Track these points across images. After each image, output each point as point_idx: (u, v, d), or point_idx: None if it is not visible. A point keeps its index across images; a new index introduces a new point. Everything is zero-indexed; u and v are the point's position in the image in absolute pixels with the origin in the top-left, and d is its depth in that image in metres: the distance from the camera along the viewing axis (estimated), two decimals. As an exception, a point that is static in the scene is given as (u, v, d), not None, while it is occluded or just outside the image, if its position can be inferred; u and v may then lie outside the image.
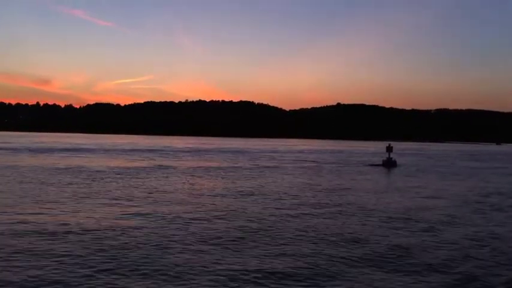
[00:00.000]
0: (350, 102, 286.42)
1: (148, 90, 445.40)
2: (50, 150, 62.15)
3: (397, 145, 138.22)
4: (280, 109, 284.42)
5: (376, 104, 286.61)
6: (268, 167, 43.59)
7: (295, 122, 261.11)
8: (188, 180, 29.16)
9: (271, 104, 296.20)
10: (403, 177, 35.99)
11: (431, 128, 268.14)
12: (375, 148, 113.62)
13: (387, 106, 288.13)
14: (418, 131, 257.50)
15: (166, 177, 31.05)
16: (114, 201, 19.50)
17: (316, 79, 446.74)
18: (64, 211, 16.83)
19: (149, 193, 22.40)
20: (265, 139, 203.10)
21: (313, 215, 17.49)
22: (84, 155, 53.87)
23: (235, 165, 44.84)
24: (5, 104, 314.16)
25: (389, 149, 44.94)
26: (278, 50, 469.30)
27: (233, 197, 22.10)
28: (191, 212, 17.25)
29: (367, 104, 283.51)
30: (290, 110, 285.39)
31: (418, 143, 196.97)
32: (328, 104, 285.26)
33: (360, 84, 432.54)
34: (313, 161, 54.52)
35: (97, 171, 33.95)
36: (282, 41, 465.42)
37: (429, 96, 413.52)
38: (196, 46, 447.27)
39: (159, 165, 41.02)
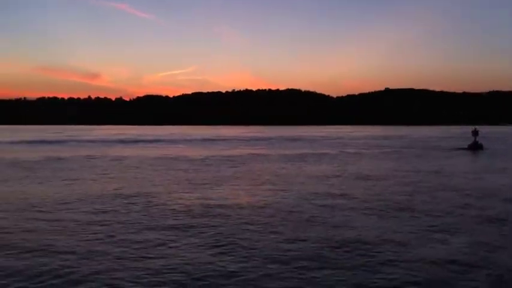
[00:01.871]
0: (398, 87, 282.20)
1: (193, 81, 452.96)
2: (135, 142, 66.22)
3: (454, 129, 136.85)
4: (328, 96, 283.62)
5: (425, 88, 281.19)
6: (349, 153, 45.09)
7: (343, 109, 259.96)
8: (299, 166, 31.08)
9: (318, 91, 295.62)
10: (497, 159, 36.68)
11: (484, 111, 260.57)
12: (437, 132, 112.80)
13: (437, 90, 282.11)
14: (470, 114, 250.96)
15: (269, 163, 33.24)
16: (256, 184, 21.69)
17: (362, 64, 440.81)
18: (225, 192, 19.15)
19: (276, 176, 24.59)
20: (316, 126, 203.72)
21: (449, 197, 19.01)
22: (169, 146, 57.24)
23: (320, 151, 46.58)
24: (58, 98, 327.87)
25: (475, 133, 45.68)
26: (322, 36, 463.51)
27: (357, 179, 23.80)
28: (340, 190, 19.13)
29: (416, 88, 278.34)
30: (337, 97, 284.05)
31: (473, 127, 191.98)
32: (376, 90, 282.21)
33: (408, 68, 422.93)
34: (387, 147, 55.47)
35: (201, 159, 36.63)
36: (325, 27, 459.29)
37: (480, 78, 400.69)
38: (236, 36, 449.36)
39: (251, 154, 43.41)
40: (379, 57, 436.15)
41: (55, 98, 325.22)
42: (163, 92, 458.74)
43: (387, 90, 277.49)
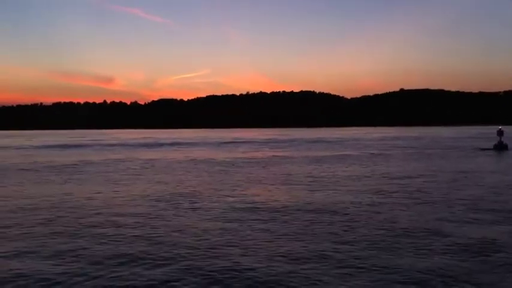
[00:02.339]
0: (413, 87, 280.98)
1: (207, 84, 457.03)
2: (159, 145, 67.50)
3: (472, 129, 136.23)
4: (342, 97, 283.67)
5: (441, 88, 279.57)
6: (373, 154, 45.48)
7: (358, 110, 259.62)
8: (328, 168, 31.66)
9: (333, 92, 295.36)
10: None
11: (501, 111, 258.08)
12: (454, 133, 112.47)
13: (453, 90, 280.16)
14: (487, 114, 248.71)
15: (296, 165, 33.84)
16: (291, 184, 22.35)
17: (376, 65, 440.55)
18: (266, 193, 19.84)
19: (309, 177, 25.21)
20: (331, 128, 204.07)
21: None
22: (192, 149, 58.26)
23: (343, 153, 47.10)
24: (74, 103, 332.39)
25: (500, 133, 45.80)
26: (335, 36, 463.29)
27: (390, 179, 24.26)
28: (380, 189, 19.67)
29: (431, 88, 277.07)
30: (352, 98, 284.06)
31: (492, 127, 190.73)
32: (391, 90, 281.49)
33: (423, 69, 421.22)
34: (408, 147, 55.75)
35: (228, 162, 37.42)
36: (339, 27, 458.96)
37: (497, 77, 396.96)
38: (249, 38, 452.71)
39: (275, 156, 44.14)
40: (393, 58, 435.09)
41: (71, 103, 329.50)
42: (177, 95, 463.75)
43: (402, 91, 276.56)
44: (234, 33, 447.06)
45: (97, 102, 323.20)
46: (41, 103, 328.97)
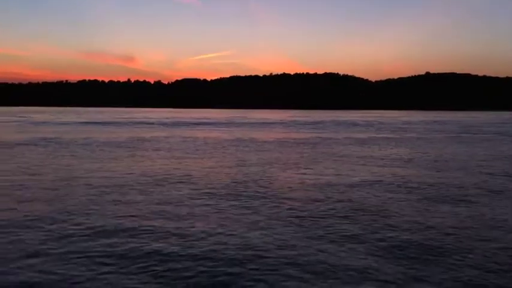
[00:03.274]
0: (439, 71, 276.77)
1: (229, 65, 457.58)
2: (196, 124, 68.92)
3: (505, 115, 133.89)
4: (366, 80, 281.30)
5: (468, 72, 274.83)
6: (413, 137, 45.51)
7: (383, 93, 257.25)
8: (379, 148, 32.24)
9: (357, 75, 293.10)
10: None
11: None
12: (484, 118, 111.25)
13: (480, 74, 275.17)
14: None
15: (344, 146, 34.43)
16: (354, 163, 23.04)
17: (402, 48, 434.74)
18: (333, 170, 20.60)
19: (364, 157, 25.86)
20: (356, 111, 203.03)
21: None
22: (229, 128, 59.29)
23: (383, 135, 47.46)
24: (99, 81, 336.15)
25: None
26: (359, 18, 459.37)
27: (451, 161, 24.77)
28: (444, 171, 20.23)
29: (458, 72, 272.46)
30: (376, 81, 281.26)
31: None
32: (416, 74, 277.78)
33: (450, 52, 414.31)
34: (445, 131, 55.76)
35: (272, 141, 38.21)
36: (363, 9, 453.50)
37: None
38: (273, 19, 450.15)
39: (318, 137, 44.74)
40: (419, 41, 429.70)
41: (95, 81, 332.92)
42: (198, 76, 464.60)
43: (428, 74, 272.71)
44: (263, 15, 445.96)
45: (121, 80, 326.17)
46: (66, 80, 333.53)
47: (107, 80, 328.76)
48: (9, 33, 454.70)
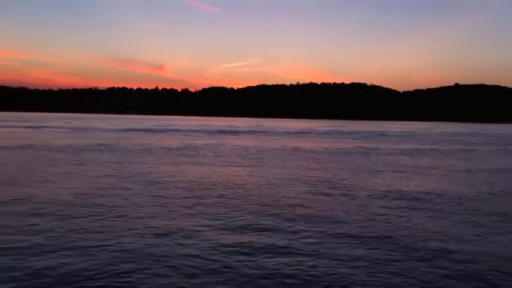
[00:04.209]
0: (469, 82, 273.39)
1: (256, 73, 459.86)
2: (236, 132, 70.13)
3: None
4: (394, 90, 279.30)
5: (497, 83, 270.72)
6: (461, 149, 45.32)
7: (411, 104, 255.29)
8: (433, 160, 32.57)
9: (384, 85, 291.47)
10: None
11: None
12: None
13: (510, 86, 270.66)
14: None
15: (393, 155, 34.81)
16: (413, 173, 23.49)
17: (430, 58, 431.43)
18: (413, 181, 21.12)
19: (420, 167, 26.27)
20: (383, 121, 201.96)
21: None
22: (273, 137, 60.14)
23: (426, 147, 47.58)
24: (127, 88, 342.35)
25: None
26: (387, 27, 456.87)
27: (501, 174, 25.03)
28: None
29: (487, 84, 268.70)
30: (404, 91, 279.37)
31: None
32: (445, 85, 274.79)
33: (479, 63, 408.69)
34: (488, 144, 55.47)
35: (321, 151, 38.83)
36: (391, 18, 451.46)
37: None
38: (299, 28, 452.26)
39: (360, 147, 45.17)
40: (448, 51, 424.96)
41: (124, 88, 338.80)
42: (226, 84, 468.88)
43: (457, 85, 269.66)
44: (289, 24, 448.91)
45: (149, 88, 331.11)
46: (95, 87, 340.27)
47: (135, 88, 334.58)
48: (40, 39, 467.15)
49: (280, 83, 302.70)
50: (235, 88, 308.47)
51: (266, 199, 15.42)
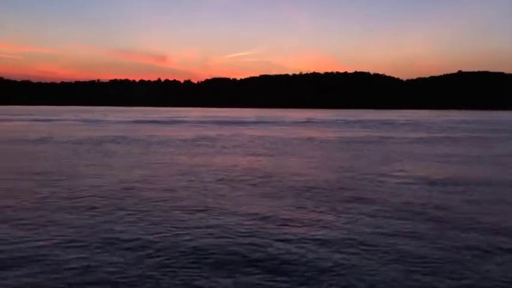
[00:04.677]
0: (472, 69, 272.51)
1: (259, 63, 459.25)
2: (253, 123, 70.47)
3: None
4: (397, 79, 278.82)
5: (501, 71, 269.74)
6: (473, 136, 45.47)
7: (414, 92, 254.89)
8: (455, 148, 32.95)
9: (387, 74, 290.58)
10: None
11: None
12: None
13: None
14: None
15: (411, 144, 35.15)
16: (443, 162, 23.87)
17: (433, 46, 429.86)
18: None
19: (442, 157, 26.64)
20: (389, 110, 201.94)
21: None
22: (283, 127, 60.52)
23: (438, 135, 47.87)
24: (130, 80, 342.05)
25: None
26: (390, 16, 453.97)
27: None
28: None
29: (491, 71, 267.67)
30: (407, 80, 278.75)
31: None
32: (448, 72, 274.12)
33: (482, 50, 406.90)
34: (499, 131, 55.74)
35: (339, 140, 39.18)
36: (394, 7, 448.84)
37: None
38: (303, 18, 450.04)
39: (379, 136, 45.50)
40: (451, 39, 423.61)
41: (127, 80, 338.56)
42: (229, 75, 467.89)
43: (460, 73, 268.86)
44: (292, 13, 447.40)
45: (152, 80, 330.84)
46: (98, 80, 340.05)
47: (137, 79, 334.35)
48: (42, 32, 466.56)
49: (283, 72, 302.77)
50: (238, 79, 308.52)
51: (315, 187, 15.74)
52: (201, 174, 18.36)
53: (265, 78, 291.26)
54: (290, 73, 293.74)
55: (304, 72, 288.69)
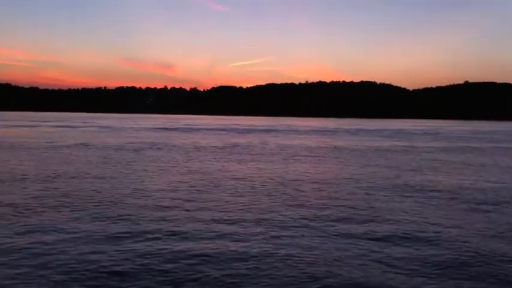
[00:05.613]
0: (479, 80, 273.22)
1: (266, 72, 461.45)
2: (267, 131, 71.08)
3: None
4: (404, 89, 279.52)
5: (508, 82, 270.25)
6: (496, 147, 45.90)
7: (420, 102, 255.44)
8: (487, 157, 33.37)
9: (394, 83, 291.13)
10: None
11: None
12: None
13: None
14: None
15: (435, 153, 35.53)
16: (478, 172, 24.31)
17: (440, 56, 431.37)
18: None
19: (471, 165, 27.06)
20: (396, 120, 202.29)
21: None
22: (299, 136, 60.98)
23: (461, 144, 48.26)
24: (136, 88, 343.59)
25: None
26: (396, 26, 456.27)
27: None
28: None
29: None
30: (414, 90, 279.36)
31: None
32: (455, 83, 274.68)
33: (489, 61, 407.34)
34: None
35: (362, 149, 39.62)
36: (400, 17, 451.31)
37: None
38: (311, 27, 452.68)
39: (399, 145, 45.99)
40: (457, 49, 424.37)
41: (133, 88, 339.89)
42: (235, 83, 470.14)
43: (467, 83, 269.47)
44: (299, 23, 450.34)
45: (158, 87, 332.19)
46: (105, 87, 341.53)
47: (144, 87, 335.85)
48: (50, 40, 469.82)
49: (289, 81, 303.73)
50: (244, 87, 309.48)
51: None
52: (253, 180, 18.94)
53: (271, 87, 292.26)
54: (296, 82, 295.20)
55: (310, 81, 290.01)
